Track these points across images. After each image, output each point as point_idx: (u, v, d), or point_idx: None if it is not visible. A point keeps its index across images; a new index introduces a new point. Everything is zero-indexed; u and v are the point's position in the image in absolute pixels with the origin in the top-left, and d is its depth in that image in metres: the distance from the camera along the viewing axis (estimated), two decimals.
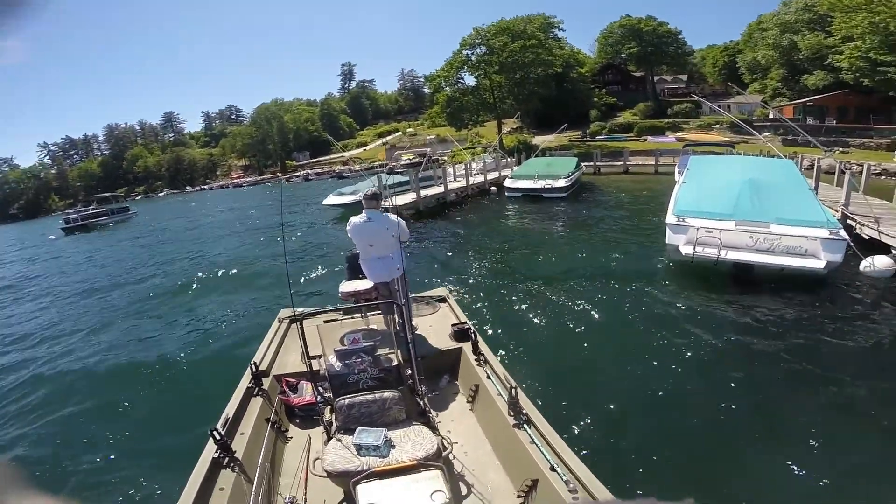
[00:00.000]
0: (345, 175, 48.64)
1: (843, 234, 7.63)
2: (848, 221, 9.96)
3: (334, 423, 2.84)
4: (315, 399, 3.20)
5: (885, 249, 8.27)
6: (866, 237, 9.22)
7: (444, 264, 10.59)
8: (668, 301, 7.34)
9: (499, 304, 7.61)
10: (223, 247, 16.60)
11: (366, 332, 3.33)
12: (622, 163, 28.41)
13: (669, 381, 5.07)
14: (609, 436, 4.19)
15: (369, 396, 2.83)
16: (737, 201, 8.43)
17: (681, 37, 48.87)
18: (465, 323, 4.21)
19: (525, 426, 2.80)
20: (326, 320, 4.61)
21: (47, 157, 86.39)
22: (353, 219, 4.21)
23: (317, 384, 3.10)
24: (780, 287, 7.44)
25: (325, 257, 11.94)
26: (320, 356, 3.22)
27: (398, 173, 24.40)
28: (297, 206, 26.83)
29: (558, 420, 4.09)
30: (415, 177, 18.48)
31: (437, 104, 45.16)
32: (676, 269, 8.64)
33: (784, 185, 9.00)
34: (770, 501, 3.56)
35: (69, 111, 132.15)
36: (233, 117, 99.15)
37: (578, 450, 2.58)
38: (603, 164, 28.92)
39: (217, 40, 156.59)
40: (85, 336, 8.71)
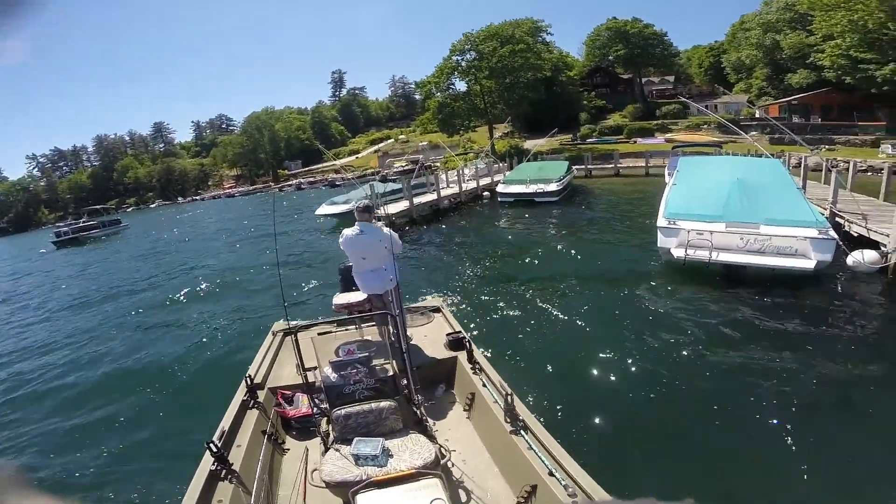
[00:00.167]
0: (338, 183, 48.58)
1: (832, 233, 7.73)
2: (836, 219, 10.08)
3: (331, 434, 2.85)
4: (311, 411, 3.20)
5: (874, 245, 8.36)
6: (855, 234, 9.33)
7: (437, 272, 10.57)
8: (661, 303, 7.40)
9: (493, 311, 7.60)
10: (216, 258, 16.52)
11: (360, 343, 3.34)
12: (613, 165, 28.55)
13: (665, 382, 5.09)
14: (606, 439, 4.21)
15: (366, 406, 2.83)
16: (726, 203, 8.51)
17: (666, 38, 49.77)
18: (460, 332, 4.23)
19: (522, 432, 2.82)
20: (321, 332, 4.61)
21: (36, 169, 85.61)
22: (346, 231, 4.22)
23: (313, 396, 3.10)
24: (771, 284, 7.54)
25: (319, 268, 11.86)
26: (315, 368, 3.23)
27: (391, 181, 24.39)
28: (289, 216, 26.69)
29: (555, 425, 4.11)
30: (407, 184, 18.47)
31: (429, 110, 45.41)
32: (669, 271, 8.68)
33: (772, 184, 9.10)
34: (770, 501, 3.58)
35: (58, 122, 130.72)
36: (223, 126, 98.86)
37: (576, 454, 2.59)
38: (594, 167, 29.07)
39: (206, 49, 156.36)
40: (78, 349, 8.66)
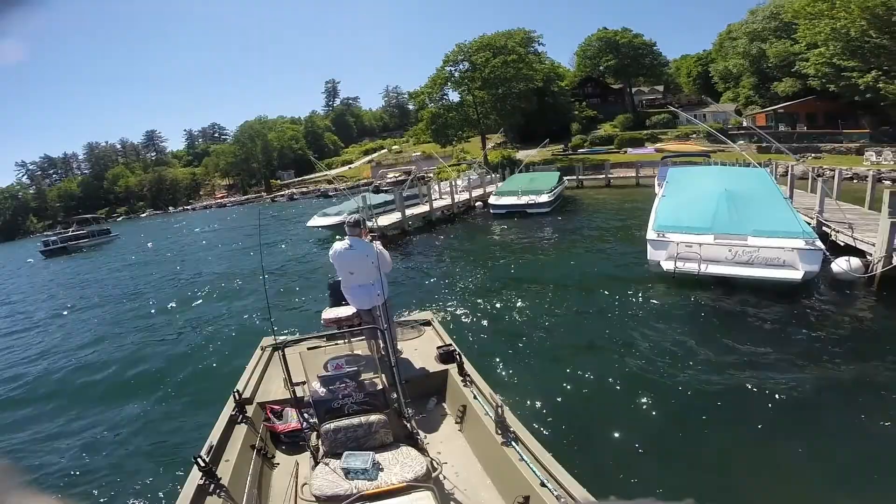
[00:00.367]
0: (330, 194, 48.57)
1: (819, 243, 7.82)
2: (823, 228, 10.20)
3: (321, 448, 2.84)
4: (301, 425, 3.20)
5: (860, 254, 8.45)
6: (842, 244, 9.42)
7: (429, 284, 10.59)
8: (651, 315, 7.45)
9: (484, 324, 7.63)
10: (205, 270, 16.44)
11: (349, 357, 3.35)
12: (604, 175, 28.84)
13: (655, 390, 5.13)
14: (599, 448, 4.23)
15: (355, 420, 2.82)
16: (714, 214, 8.60)
17: (656, 48, 50.49)
18: (451, 345, 4.25)
19: (513, 443, 2.84)
20: (310, 347, 4.65)
21: (25, 177, 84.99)
22: (336, 245, 4.26)
23: (301, 410, 3.11)
24: (759, 293, 7.63)
25: (309, 281, 11.85)
26: (304, 383, 3.23)
27: (384, 192, 24.42)
28: (281, 227, 26.67)
29: (547, 435, 4.20)
30: (399, 196, 18.49)
31: (422, 121, 45.62)
32: (659, 283, 8.73)
33: (759, 195, 9.21)
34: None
35: (48, 128, 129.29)
36: (216, 136, 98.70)
37: (568, 464, 2.60)
38: (585, 177, 29.35)
39: (199, 57, 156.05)
40: (63, 360, 8.64)
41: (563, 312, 7.83)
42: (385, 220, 16.73)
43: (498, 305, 8.48)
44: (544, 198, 18.98)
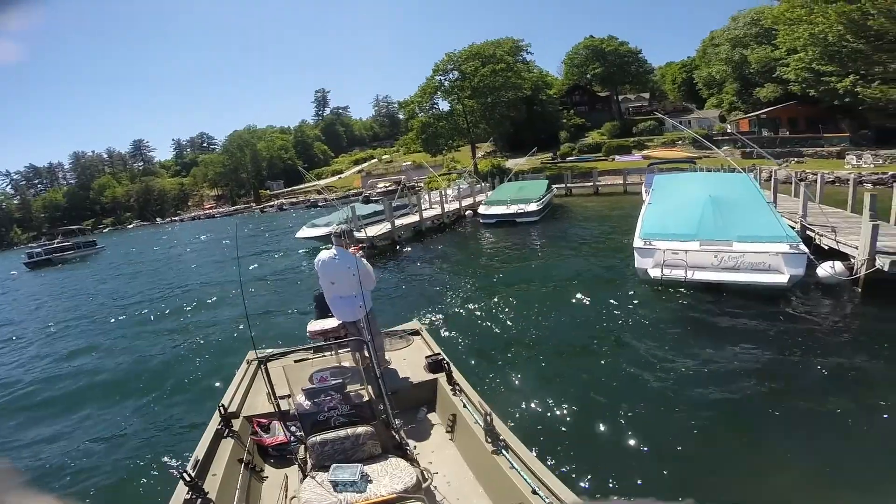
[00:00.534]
0: (320, 204, 48.42)
1: (803, 247, 7.90)
2: (807, 232, 10.30)
3: (309, 461, 2.81)
4: (288, 438, 3.19)
5: (844, 257, 8.54)
6: (825, 247, 9.52)
7: (418, 295, 10.56)
8: (639, 321, 7.50)
9: (473, 333, 7.63)
10: (193, 283, 16.31)
11: (334, 369, 3.29)
12: (592, 183, 29.13)
13: (644, 396, 5.17)
14: (588, 454, 4.24)
15: (342, 433, 2.80)
16: (700, 221, 8.67)
17: (641, 55, 51.32)
18: (439, 354, 4.24)
19: (503, 452, 2.84)
20: (297, 360, 4.62)
21: (9, 187, 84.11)
22: (321, 254, 4.33)
23: (287, 424, 3.09)
24: (746, 298, 7.69)
25: (297, 293, 11.76)
26: (289, 396, 3.19)
27: (373, 202, 24.35)
28: (270, 238, 26.53)
29: (539, 443, 4.19)
30: (389, 206, 18.43)
31: (412, 130, 45.75)
32: (646, 289, 8.76)
33: (743, 200, 9.31)
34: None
35: (33, 137, 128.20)
36: (204, 145, 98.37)
37: (558, 471, 2.63)
38: (574, 185, 29.62)
39: (188, 65, 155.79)
40: (46, 372, 8.63)
41: (552, 321, 7.86)
42: (374, 231, 16.65)
43: (486, 314, 8.48)
44: (533, 206, 19.07)
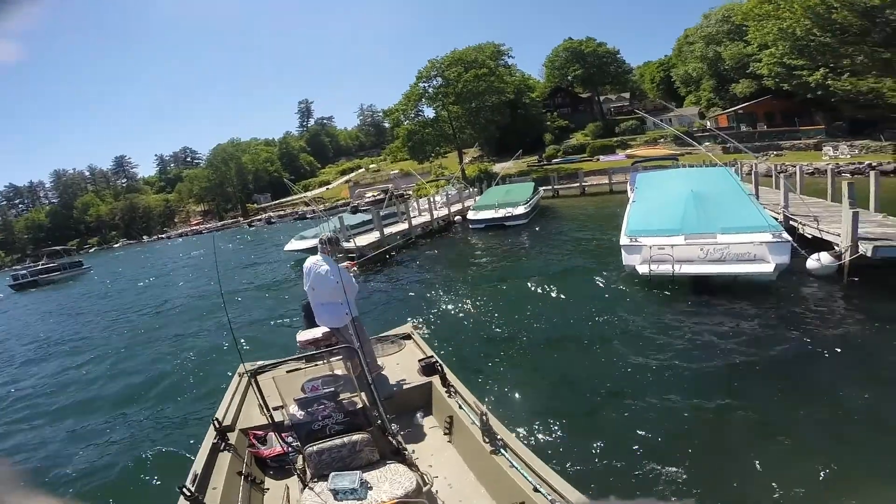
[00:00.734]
0: (308, 216, 48.15)
1: (786, 235, 8.03)
2: (790, 223, 10.50)
3: (308, 471, 2.80)
4: (285, 449, 3.19)
5: (828, 245, 8.70)
6: (809, 236, 9.70)
7: (409, 301, 10.63)
8: (630, 317, 7.58)
9: (466, 336, 7.70)
10: (181, 300, 16.21)
11: (326, 378, 3.25)
12: (578, 184, 29.48)
13: (638, 392, 5.20)
14: (586, 451, 4.23)
15: (338, 441, 2.78)
16: (683, 216, 8.78)
17: (619, 56, 52.08)
18: (432, 356, 4.24)
19: (502, 451, 2.84)
20: (288, 370, 4.55)
21: None
22: (308, 259, 4.41)
23: (282, 435, 3.10)
24: (734, 291, 7.80)
25: (286, 305, 11.70)
26: (282, 407, 3.18)
27: (362, 212, 24.26)
28: (259, 252, 26.41)
29: (537, 440, 4.25)
30: (377, 215, 18.36)
31: (398, 138, 45.82)
32: (635, 285, 8.86)
33: (725, 193, 9.47)
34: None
35: (12, 155, 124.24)
36: (188, 160, 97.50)
37: (559, 468, 2.62)
38: (560, 186, 29.93)
39: (169, 79, 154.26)
40: (36, 393, 8.66)
41: (543, 321, 7.94)
42: (363, 240, 16.57)
43: (478, 317, 8.56)
44: (521, 209, 19.24)
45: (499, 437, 2.95)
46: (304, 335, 4.68)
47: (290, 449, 3.07)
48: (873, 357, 5.52)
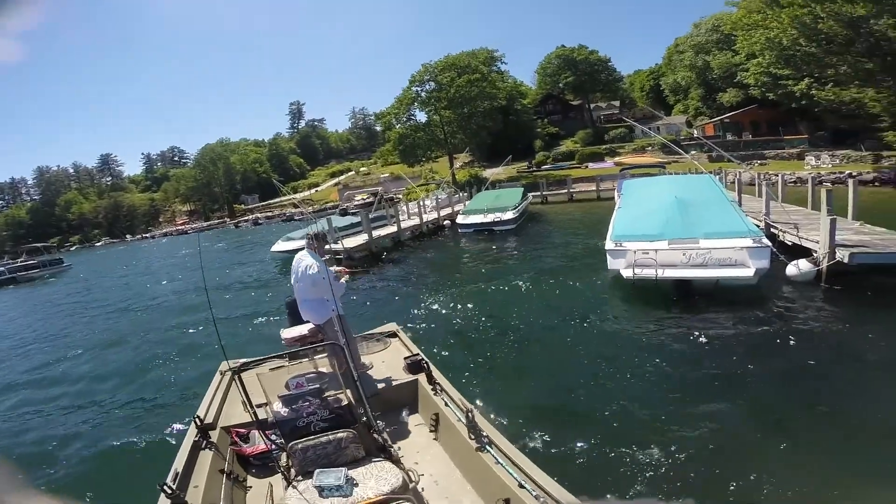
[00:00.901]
0: (296, 218, 47.84)
1: (766, 241, 8.19)
2: (771, 230, 10.70)
3: (292, 469, 2.76)
4: (269, 447, 3.17)
5: (807, 252, 8.89)
6: (789, 243, 9.90)
7: (396, 302, 10.72)
8: (613, 319, 7.75)
9: (451, 336, 7.75)
10: (163, 298, 16.02)
11: (311, 375, 3.22)
12: (567, 190, 29.80)
13: (620, 391, 5.28)
14: (571, 448, 4.29)
15: (323, 438, 2.76)
16: (667, 221, 8.92)
17: (610, 64, 52.75)
18: (418, 355, 4.24)
19: (488, 448, 2.85)
20: (272, 368, 4.54)
21: None
22: (298, 253, 4.51)
23: (266, 432, 3.06)
24: (716, 297, 7.91)
25: (271, 304, 11.61)
26: (266, 404, 3.13)
27: (351, 214, 24.19)
28: (245, 253, 26.16)
29: (522, 439, 4.27)
30: (366, 217, 18.34)
31: (389, 142, 45.76)
32: (620, 290, 8.95)
33: (708, 200, 9.64)
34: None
35: None
36: (176, 159, 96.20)
37: (544, 465, 2.65)
38: (549, 193, 30.24)
39: (161, 78, 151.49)
40: (10, 388, 8.62)
41: (529, 322, 8.07)
42: (351, 242, 16.51)
43: (464, 318, 8.65)
44: (509, 215, 19.40)
45: (484, 434, 2.95)
46: (290, 332, 4.68)
47: (273, 446, 3.03)
48: (848, 358, 5.70)
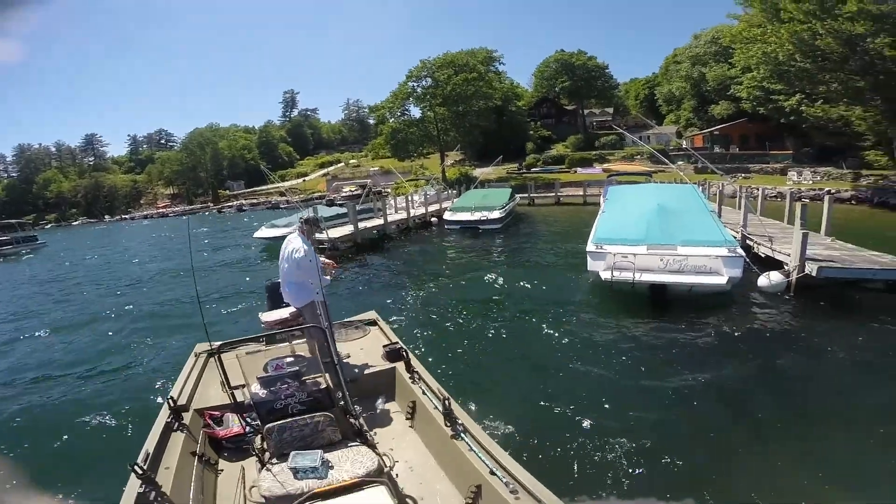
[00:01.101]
0: (281, 206, 47.34)
1: (740, 251, 8.42)
2: (747, 241, 10.98)
3: (267, 451, 2.76)
4: (243, 429, 3.14)
5: (779, 264, 9.14)
6: (763, 255, 10.17)
7: (377, 291, 10.81)
8: (591, 321, 7.89)
9: (431, 329, 7.83)
10: (139, 280, 15.75)
11: (290, 358, 3.21)
12: (554, 194, 30.16)
13: (590, 384, 5.44)
14: (542, 436, 4.38)
15: (300, 420, 2.76)
16: (647, 227, 9.09)
17: (607, 71, 53.32)
18: (397, 343, 4.27)
19: (462, 436, 2.90)
20: (249, 352, 4.51)
21: None
22: (289, 236, 4.43)
23: (243, 414, 3.04)
24: (690, 304, 8.11)
25: (252, 292, 11.48)
26: (243, 386, 3.12)
27: (338, 205, 24.05)
28: (227, 238, 25.90)
29: (496, 428, 4.37)
30: (352, 208, 18.28)
31: (382, 135, 45.53)
32: (599, 292, 9.11)
33: (688, 209, 9.84)
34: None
35: None
36: (163, 142, 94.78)
37: (517, 453, 2.81)
38: (537, 195, 30.55)
39: (152, 60, 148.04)
40: None
41: (508, 317, 8.27)
42: (337, 233, 16.41)
43: (445, 310, 8.75)
44: (496, 214, 19.56)
45: (460, 421, 2.99)
46: (270, 315, 4.70)
47: (249, 429, 3.01)
48: (811, 362, 6.04)
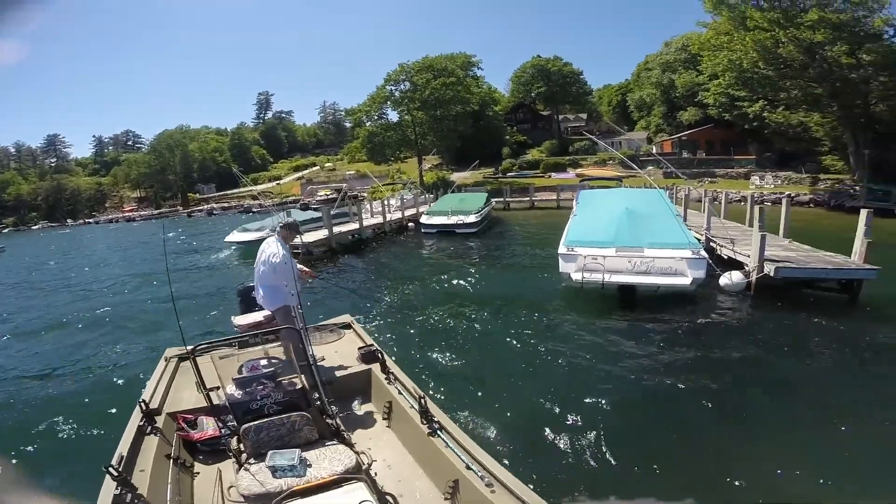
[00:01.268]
0: (254, 210, 46.34)
1: (704, 253, 8.81)
2: (710, 244, 11.42)
3: (244, 451, 2.75)
4: (219, 431, 3.13)
5: (740, 265, 9.55)
6: (725, 256, 10.60)
7: (351, 296, 10.83)
8: (563, 320, 8.16)
9: (407, 330, 7.93)
10: (105, 284, 15.31)
11: (265, 359, 3.19)
12: (529, 198, 30.71)
13: (565, 389, 5.52)
14: (514, 431, 4.50)
15: (276, 419, 2.77)
16: (616, 230, 9.38)
17: (582, 77, 54.41)
18: (372, 345, 4.27)
19: (439, 433, 2.95)
20: (222, 356, 4.38)
21: None
22: (267, 239, 4.46)
23: (218, 416, 3.03)
24: (658, 304, 8.41)
25: (223, 297, 11.18)
26: (218, 388, 3.09)
27: (312, 209, 23.72)
28: (197, 243, 25.18)
29: (471, 423, 4.53)
30: (327, 212, 18.07)
31: (358, 139, 45.18)
32: (571, 293, 9.32)
33: (655, 212, 10.21)
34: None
35: None
36: (130, 144, 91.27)
37: (492, 448, 2.94)
38: (512, 199, 31.03)
39: (119, 59, 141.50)
40: None
41: (482, 319, 8.42)
42: (311, 237, 16.20)
43: (419, 312, 8.89)
44: (472, 218, 19.75)
45: (436, 419, 3.03)
46: (244, 319, 4.68)
47: (225, 430, 2.99)
48: (770, 354, 6.43)
